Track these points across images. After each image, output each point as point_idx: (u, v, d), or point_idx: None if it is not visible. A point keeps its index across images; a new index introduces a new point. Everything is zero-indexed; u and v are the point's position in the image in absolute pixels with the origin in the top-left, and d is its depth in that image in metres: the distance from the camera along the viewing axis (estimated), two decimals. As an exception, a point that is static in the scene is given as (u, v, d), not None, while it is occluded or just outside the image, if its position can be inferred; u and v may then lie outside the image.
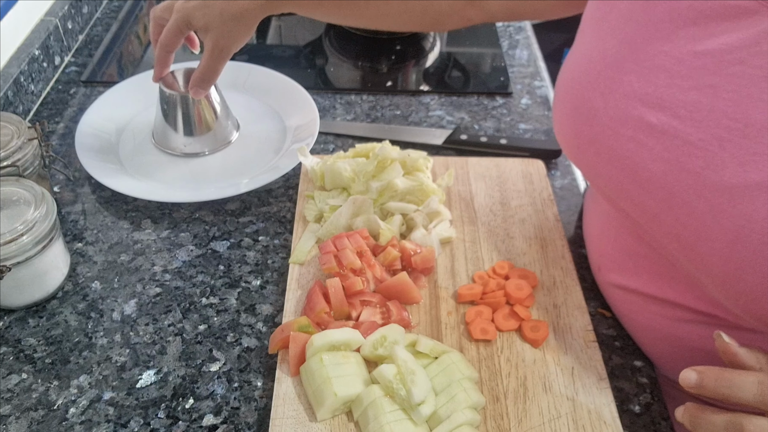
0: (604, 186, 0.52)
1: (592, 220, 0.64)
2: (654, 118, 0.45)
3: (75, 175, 0.75)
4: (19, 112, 0.82)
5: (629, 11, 0.47)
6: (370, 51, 1.00)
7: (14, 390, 0.54)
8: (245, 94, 0.86)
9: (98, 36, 1.01)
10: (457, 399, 0.49)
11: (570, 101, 0.52)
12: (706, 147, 0.42)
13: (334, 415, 0.50)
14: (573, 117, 0.52)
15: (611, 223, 0.58)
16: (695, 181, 0.42)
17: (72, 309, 0.61)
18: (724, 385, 0.40)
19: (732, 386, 0.40)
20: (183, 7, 0.67)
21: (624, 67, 0.47)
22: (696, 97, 0.42)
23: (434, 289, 0.61)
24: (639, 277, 0.55)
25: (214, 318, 0.60)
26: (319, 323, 0.56)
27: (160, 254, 0.66)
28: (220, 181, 0.74)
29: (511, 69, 0.96)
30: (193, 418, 0.53)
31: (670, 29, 0.44)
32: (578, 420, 0.51)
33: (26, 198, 0.58)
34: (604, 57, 0.49)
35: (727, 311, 0.48)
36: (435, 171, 0.73)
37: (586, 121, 0.50)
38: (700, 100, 0.42)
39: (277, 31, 1.06)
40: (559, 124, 0.55)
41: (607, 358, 0.58)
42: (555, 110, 0.55)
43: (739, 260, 0.41)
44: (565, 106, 0.53)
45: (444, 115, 0.87)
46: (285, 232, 0.69)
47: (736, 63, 0.41)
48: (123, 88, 0.85)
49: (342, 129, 0.83)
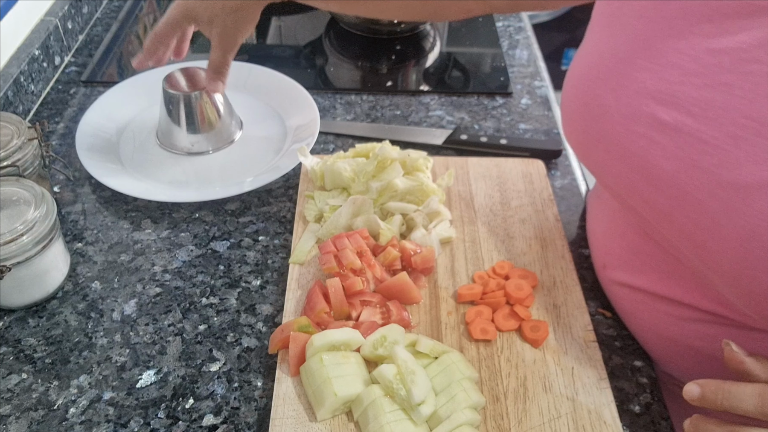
0: (613, 183, 0.51)
1: (597, 218, 0.63)
2: (666, 116, 0.44)
3: (75, 175, 0.75)
4: (19, 112, 0.82)
5: (641, 8, 0.47)
6: (370, 51, 1.00)
7: (14, 390, 0.54)
8: (245, 94, 0.86)
9: (98, 36, 1.01)
10: (457, 399, 0.49)
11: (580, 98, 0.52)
12: (719, 145, 0.41)
13: (334, 415, 0.50)
14: (583, 114, 0.51)
15: (618, 220, 0.58)
16: (708, 179, 0.42)
17: (72, 309, 0.61)
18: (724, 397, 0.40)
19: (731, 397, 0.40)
20: (185, 3, 0.67)
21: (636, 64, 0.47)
22: (710, 94, 0.42)
23: (434, 289, 0.61)
24: (645, 274, 0.55)
25: (214, 318, 0.60)
26: (319, 323, 0.56)
27: (160, 254, 0.66)
28: (220, 181, 0.74)
29: (511, 69, 0.96)
30: (193, 418, 0.53)
31: (684, 26, 0.44)
32: (578, 420, 0.51)
33: (26, 198, 0.58)
34: (616, 53, 0.48)
35: (734, 310, 0.48)
36: (435, 171, 0.73)
37: (597, 118, 0.50)
38: (713, 98, 0.42)
39: (277, 31, 1.06)
40: (568, 121, 0.54)
41: (607, 358, 0.58)
42: (563, 107, 0.55)
43: (751, 259, 0.41)
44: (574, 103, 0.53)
45: (444, 115, 0.87)
46: (285, 232, 0.69)
47: (752, 61, 0.40)
48: (123, 88, 0.85)
49: (342, 129, 0.83)
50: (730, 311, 0.48)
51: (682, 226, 0.45)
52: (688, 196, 0.44)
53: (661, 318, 0.54)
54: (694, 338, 0.52)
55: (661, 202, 0.46)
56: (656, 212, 0.47)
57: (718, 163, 0.41)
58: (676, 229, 0.46)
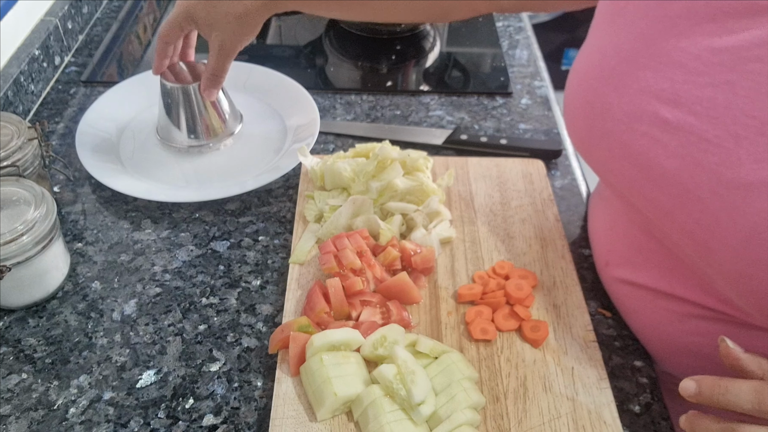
0: (615, 182, 0.51)
1: (600, 216, 0.64)
2: (669, 114, 0.44)
3: (75, 175, 0.75)
4: (19, 112, 0.82)
5: (645, 7, 0.47)
6: (370, 51, 1.00)
7: (14, 390, 0.54)
8: (245, 94, 0.86)
9: (98, 36, 1.01)
10: (457, 399, 0.49)
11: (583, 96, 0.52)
12: (721, 144, 0.41)
13: (334, 415, 0.50)
14: (585, 112, 0.51)
15: (620, 218, 0.58)
16: (710, 177, 0.42)
17: (72, 309, 0.61)
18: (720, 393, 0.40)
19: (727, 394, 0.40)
20: (186, 3, 0.67)
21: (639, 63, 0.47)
22: (712, 93, 0.42)
23: (434, 289, 0.61)
24: (647, 272, 0.55)
25: (214, 318, 0.60)
26: (319, 323, 0.56)
27: (160, 254, 0.66)
28: (221, 181, 0.74)
29: (511, 69, 0.96)
30: (193, 418, 0.53)
31: (687, 25, 0.44)
32: (578, 420, 0.51)
33: (26, 198, 0.58)
34: (619, 52, 0.48)
35: (736, 308, 0.48)
36: (435, 171, 0.73)
37: (599, 115, 0.50)
38: (716, 97, 0.42)
39: (277, 31, 1.06)
40: (571, 119, 0.54)
41: (607, 358, 0.58)
42: (566, 105, 0.55)
43: (752, 258, 0.41)
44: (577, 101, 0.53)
45: (444, 115, 0.87)
46: (285, 232, 0.69)
47: (754, 60, 0.40)
48: (123, 88, 0.85)
49: (342, 129, 0.83)
50: (731, 309, 0.48)
51: (684, 224, 0.45)
52: (689, 194, 0.44)
53: (662, 315, 0.54)
54: (695, 335, 0.52)
55: (663, 200, 0.46)
56: (658, 210, 0.47)
57: (719, 161, 0.41)
58: (678, 227, 0.46)
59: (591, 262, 0.66)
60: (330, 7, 0.72)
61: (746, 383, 0.40)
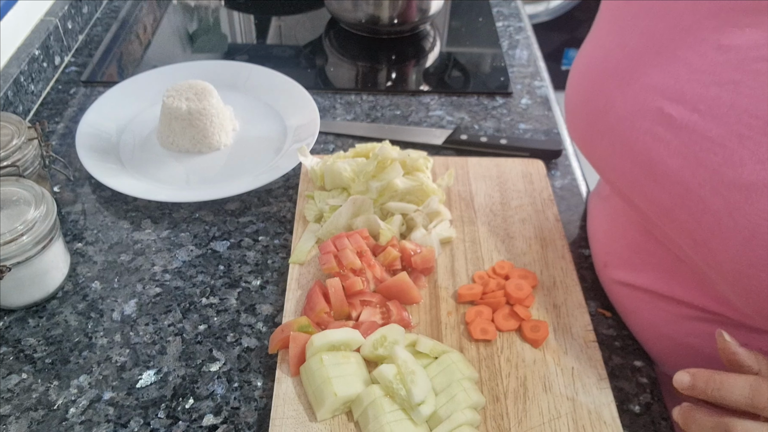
0: (616, 179, 0.51)
1: (599, 217, 0.63)
2: (673, 111, 0.44)
3: (75, 175, 0.75)
4: (19, 112, 0.82)
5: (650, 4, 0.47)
6: (370, 51, 1.00)
7: (14, 390, 0.54)
8: (245, 94, 0.86)
9: (98, 36, 1.01)
10: (457, 399, 0.49)
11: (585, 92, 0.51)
12: (724, 143, 0.41)
13: (334, 415, 0.50)
14: (587, 108, 0.51)
15: (619, 218, 0.58)
16: (712, 177, 0.42)
17: (72, 309, 0.61)
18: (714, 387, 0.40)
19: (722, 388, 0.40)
20: None
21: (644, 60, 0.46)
22: (717, 92, 0.42)
23: (434, 289, 0.61)
24: (646, 273, 0.55)
25: (214, 318, 0.60)
26: (319, 323, 0.56)
27: (160, 254, 0.66)
28: (221, 181, 0.74)
29: (511, 69, 0.96)
30: (193, 418, 0.53)
31: (693, 23, 0.44)
32: (578, 420, 0.51)
33: (26, 198, 0.57)
34: (623, 48, 0.48)
35: (734, 309, 0.48)
36: (435, 171, 0.73)
37: (602, 112, 0.49)
38: (720, 96, 0.42)
39: (277, 31, 1.06)
40: (572, 116, 0.54)
41: (607, 358, 0.58)
42: (567, 102, 0.55)
43: (752, 258, 0.41)
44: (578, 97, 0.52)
45: (444, 115, 0.87)
46: (285, 232, 0.69)
47: (760, 60, 0.40)
48: (123, 88, 0.85)
49: (342, 129, 0.83)
50: (730, 310, 0.48)
51: (684, 224, 0.45)
52: (690, 193, 0.44)
53: (661, 317, 0.54)
54: (694, 337, 0.52)
55: (664, 198, 0.46)
56: (658, 209, 0.47)
57: (722, 161, 0.41)
58: (678, 226, 0.46)
59: (591, 262, 0.66)
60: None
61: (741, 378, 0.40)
